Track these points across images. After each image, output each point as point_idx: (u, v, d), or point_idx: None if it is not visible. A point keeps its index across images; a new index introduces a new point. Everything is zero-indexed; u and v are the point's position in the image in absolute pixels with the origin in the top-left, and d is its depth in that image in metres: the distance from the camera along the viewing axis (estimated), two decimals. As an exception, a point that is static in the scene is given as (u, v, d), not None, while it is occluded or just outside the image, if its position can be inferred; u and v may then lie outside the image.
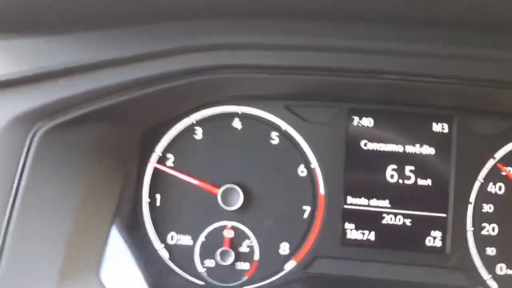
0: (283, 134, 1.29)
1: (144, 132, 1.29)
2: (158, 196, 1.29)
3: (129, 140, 1.27)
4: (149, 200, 1.29)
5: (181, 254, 1.28)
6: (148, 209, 1.29)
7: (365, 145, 1.28)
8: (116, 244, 1.25)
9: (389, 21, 1.08)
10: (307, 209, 1.27)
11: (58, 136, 1.10)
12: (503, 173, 1.25)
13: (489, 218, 1.24)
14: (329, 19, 1.09)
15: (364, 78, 1.13)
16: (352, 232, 1.26)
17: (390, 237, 1.25)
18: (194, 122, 1.30)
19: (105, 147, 1.19)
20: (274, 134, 1.29)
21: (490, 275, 1.23)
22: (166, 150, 1.30)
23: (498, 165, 1.25)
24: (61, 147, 1.12)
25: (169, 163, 1.30)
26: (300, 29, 1.09)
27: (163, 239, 1.29)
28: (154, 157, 1.30)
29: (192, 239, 1.28)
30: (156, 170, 1.29)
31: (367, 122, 1.28)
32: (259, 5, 1.06)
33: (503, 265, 1.24)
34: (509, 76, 1.08)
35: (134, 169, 1.29)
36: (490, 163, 1.25)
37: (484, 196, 1.25)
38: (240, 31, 1.10)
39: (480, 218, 1.24)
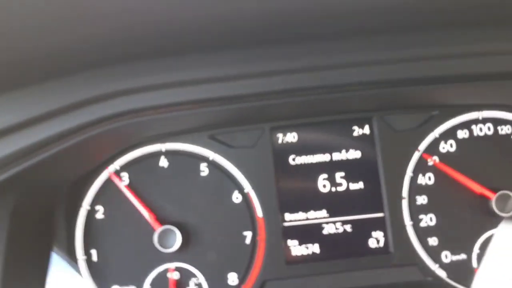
0: (212, 164, 1.28)
1: (67, 188, 1.24)
2: (94, 252, 1.24)
3: (52, 200, 1.22)
4: (85, 257, 1.25)
5: (128, 307, 1.25)
6: (86, 266, 1.24)
7: (293, 160, 1.28)
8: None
9: (292, 40, 1.10)
10: (248, 234, 1.25)
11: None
12: (430, 164, 1.27)
13: (425, 209, 1.26)
14: (237, 47, 1.10)
15: (281, 99, 1.14)
16: (296, 249, 1.25)
17: (333, 247, 1.25)
18: (118, 168, 1.27)
19: (26, 212, 1.14)
20: (202, 166, 1.28)
21: (437, 265, 1.25)
22: (94, 202, 1.26)
23: (424, 155, 1.27)
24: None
25: (99, 215, 1.25)
26: (210, 62, 1.10)
27: (107, 295, 1.25)
28: (83, 212, 1.25)
29: (136, 288, 1.25)
30: (87, 225, 1.25)
31: (291, 137, 1.28)
32: (167, 43, 1.06)
33: (448, 253, 1.26)
34: (418, 73, 1.11)
35: (62, 229, 1.24)
36: (416, 156, 1.27)
37: (416, 188, 1.27)
38: (148, 72, 1.09)
39: (416, 211, 1.26)
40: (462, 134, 1.28)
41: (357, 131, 1.28)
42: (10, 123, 1.01)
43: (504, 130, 1.29)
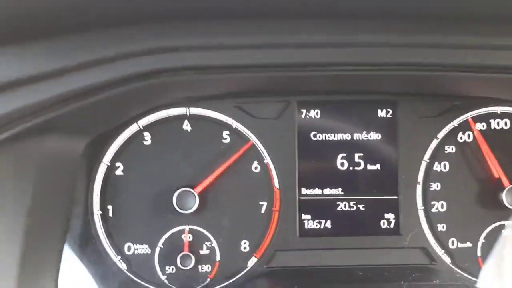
0: (234, 132, 1.29)
1: (90, 143, 1.24)
2: (110, 207, 1.25)
3: (74, 152, 1.22)
4: (100, 212, 1.25)
5: (140, 264, 1.25)
6: (100, 221, 1.25)
7: (314, 136, 1.29)
8: (73, 260, 1.21)
9: (329, 15, 1.10)
10: (264, 204, 1.27)
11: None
12: (446, 152, 1.30)
13: (438, 196, 1.30)
14: (272, 17, 1.10)
15: (309, 72, 1.14)
16: (309, 223, 1.28)
17: (346, 224, 1.28)
18: (141, 128, 1.27)
19: (48, 162, 1.14)
20: (225, 133, 1.29)
21: (443, 250, 1.29)
22: (114, 159, 1.26)
23: (469, 120, 1.29)
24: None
25: (119, 172, 1.26)
26: (244, 28, 1.09)
27: (119, 251, 1.25)
28: (102, 167, 1.26)
29: (149, 247, 1.25)
30: (105, 180, 1.25)
31: (315, 113, 1.30)
32: (202, 5, 1.06)
33: (454, 239, 1.29)
34: (446, 60, 1.13)
35: (82, 182, 1.24)
36: (434, 143, 1.30)
37: (431, 175, 1.30)
38: (183, 33, 1.08)
39: (429, 196, 1.29)
40: (480, 126, 1.31)
41: (380, 113, 1.30)
42: (47, 69, 1.01)
43: (521, 126, 1.33)
